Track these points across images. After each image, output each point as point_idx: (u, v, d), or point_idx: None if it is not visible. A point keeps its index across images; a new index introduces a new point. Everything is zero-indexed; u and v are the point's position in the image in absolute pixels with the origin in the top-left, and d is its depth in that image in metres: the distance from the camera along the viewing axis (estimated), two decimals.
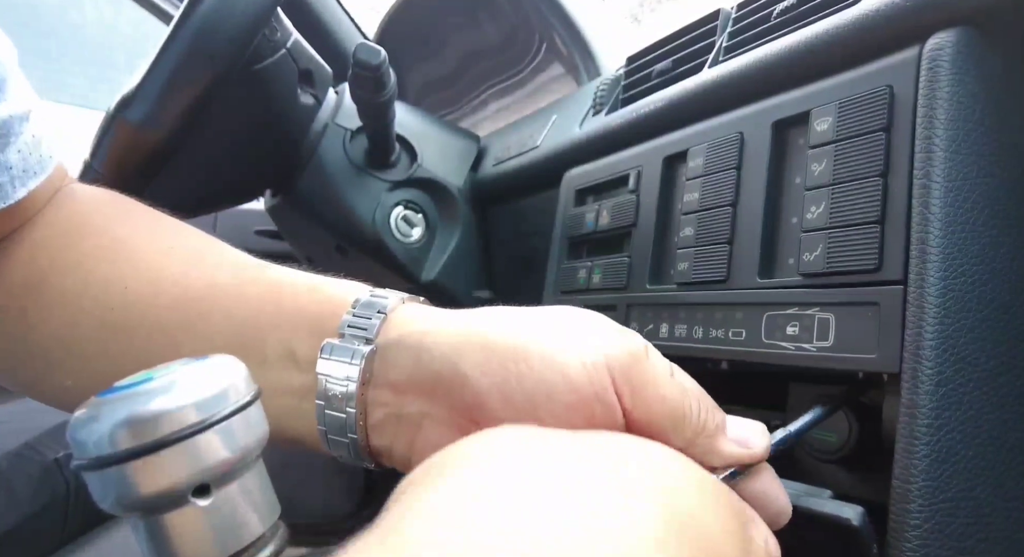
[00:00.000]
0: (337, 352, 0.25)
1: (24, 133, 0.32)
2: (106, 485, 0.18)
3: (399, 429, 0.26)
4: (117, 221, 0.35)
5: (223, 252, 0.33)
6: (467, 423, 0.24)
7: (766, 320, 0.34)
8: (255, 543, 0.20)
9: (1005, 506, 0.28)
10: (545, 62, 0.81)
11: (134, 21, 1.61)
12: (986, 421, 0.28)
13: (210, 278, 0.31)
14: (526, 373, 0.23)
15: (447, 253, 0.68)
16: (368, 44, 0.54)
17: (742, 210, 0.37)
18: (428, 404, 0.25)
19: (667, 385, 0.24)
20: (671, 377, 0.24)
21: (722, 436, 0.24)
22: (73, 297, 0.32)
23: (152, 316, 0.30)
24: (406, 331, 0.26)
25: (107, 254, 0.32)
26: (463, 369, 0.24)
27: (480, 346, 0.24)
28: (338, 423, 0.25)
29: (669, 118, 0.46)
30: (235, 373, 0.20)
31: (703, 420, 0.24)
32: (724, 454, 0.24)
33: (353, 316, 0.26)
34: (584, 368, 0.23)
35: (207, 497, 0.19)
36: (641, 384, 0.23)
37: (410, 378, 0.25)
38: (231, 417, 0.19)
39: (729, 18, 0.46)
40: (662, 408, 0.23)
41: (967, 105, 0.29)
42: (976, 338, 0.28)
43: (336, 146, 0.64)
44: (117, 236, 0.33)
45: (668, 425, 0.23)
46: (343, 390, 0.25)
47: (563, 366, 0.23)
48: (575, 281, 0.49)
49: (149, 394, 0.18)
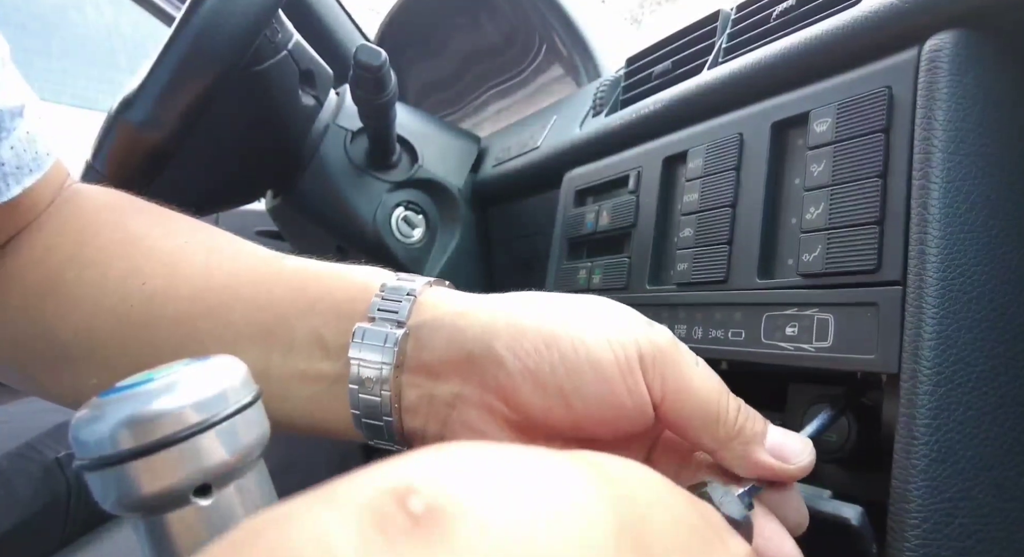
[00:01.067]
0: (369, 336, 0.26)
1: (17, 129, 0.32)
2: (107, 485, 0.18)
3: (432, 410, 0.26)
4: (129, 217, 0.34)
5: (240, 244, 0.33)
6: (499, 404, 0.24)
7: (765, 320, 0.34)
8: None
9: (1004, 506, 0.28)
10: (545, 63, 0.81)
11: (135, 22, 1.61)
12: (985, 421, 0.28)
13: (230, 268, 0.30)
14: (557, 362, 0.23)
15: (447, 254, 0.68)
16: (369, 45, 0.55)
17: (741, 211, 0.37)
18: (461, 385, 0.25)
19: (699, 378, 0.23)
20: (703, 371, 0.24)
21: (759, 446, 0.23)
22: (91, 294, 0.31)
23: (172, 308, 0.30)
24: (438, 313, 0.26)
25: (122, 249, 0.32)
26: (496, 350, 0.24)
27: (513, 328, 0.24)
28: (372, 406, 0.25)
29: (669, 119, 0.46)
30: (236, 373, 0.20)
31: (739, 423, 0.23)
32: (758, 464, 0.23)
33: (383, 299, 0.26)
34: (616, 360, 0.23)
35: (208, 497, 0.19)
36: (672, 376, 0.23)
37: (443, 359, 0.25)
38: (232, 417, 0.19)
39: (729, 19, 0.47)
40: (694, 402, 0.23)
41: (966, 106, 0.29)
42: (975, 338, 0.28)
43: (337, 147, 0.65)
44: (131, 232, 0.33)
45: (699, 421, 0.23)
46: (377, 374, 0.25)
47: (594, 357, 0.23)
48: (575, 281, 0.49)
49: (150, 394, 0.18)
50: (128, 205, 0.36)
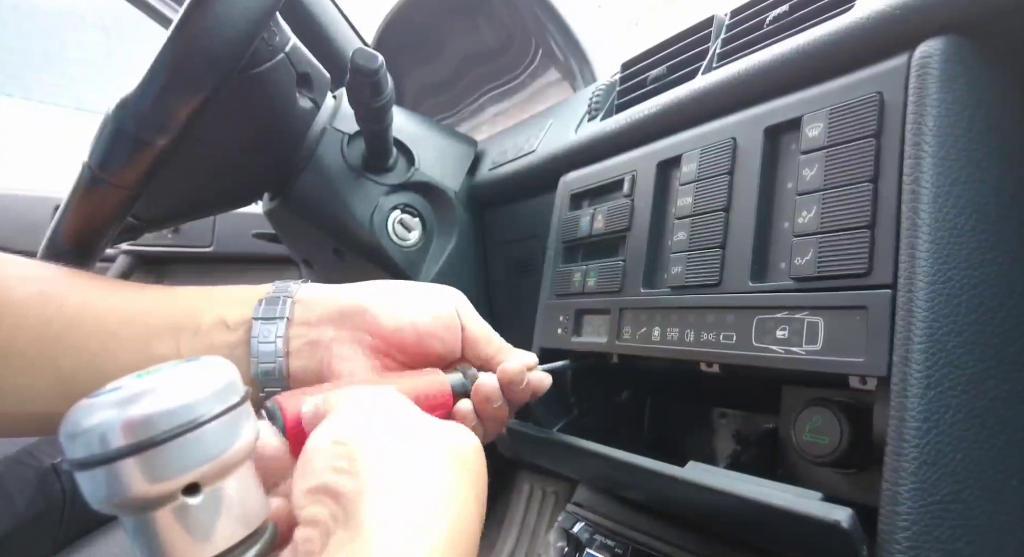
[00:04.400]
0: (268, 303, 0.36)
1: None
2: (97, 484, 0.18)
3: (313, 352, 0.35)
4: None
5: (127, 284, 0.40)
6: (365, 335, 0.35)
7: (756, 323, 0.34)
8: (244, 541, 0.20)
9: (993, 509, 0.28)
10: (541, 68, 0.82)
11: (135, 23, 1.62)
12: (975, 424, 0.28)
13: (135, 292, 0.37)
14: (407, 301, 0.36)
15: (443, 256, 0.68)
16: (365, 49, 0.55)
17: (735, 215, 0.38)
18: (335, 330, 0.35)
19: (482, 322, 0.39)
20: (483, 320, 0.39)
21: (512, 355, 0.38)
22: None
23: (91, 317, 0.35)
24: (315, 293, 0.37)
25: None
26: (363, 302, 0.36)
27: (373, 289, 0.37)
28: (268, 353, 0.34)
29: (663, 124, 0.46)
30: (225, 374, 0.20)
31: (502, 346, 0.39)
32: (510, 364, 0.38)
33: (275, 289, 0.37)
34: (443, 301, 0.38)
35: (197, 495, 0.19)
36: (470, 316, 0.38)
37: (320, 315, 0.36)
38: (220, 417, 0.19)
39: (723, 25, 0.47)
40: (480, 332, 0.38)
41: (955, 111, 0.30)
42: (964, 342, 0.28)
43: (334, 150, 0.65)
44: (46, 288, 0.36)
45: (483, 339, 0.38)
46: (274, 327, 0.35)
47: (431, 298, 0.37)
48: (570, 284, 0.49)
49: (140, 394, 0.18)
50: None
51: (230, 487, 0.20)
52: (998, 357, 0.29)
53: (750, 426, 0.46)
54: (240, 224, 1.23)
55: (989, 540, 0.28)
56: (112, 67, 1.79)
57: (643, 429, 0.52)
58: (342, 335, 0.35)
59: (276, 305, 0.36)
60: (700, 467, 0.34)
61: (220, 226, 1.26)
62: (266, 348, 0.35)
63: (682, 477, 0.34)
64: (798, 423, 0.34)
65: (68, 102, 4.21)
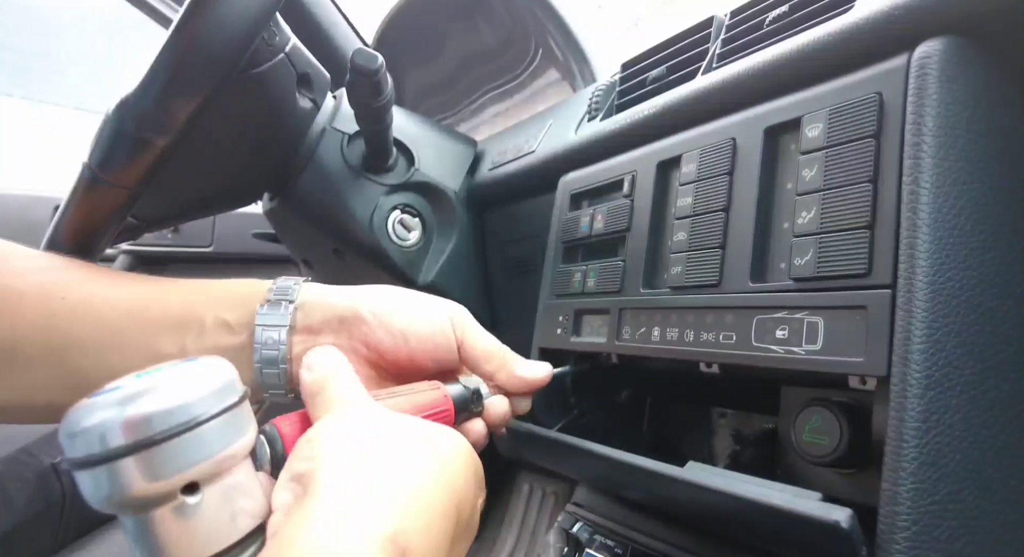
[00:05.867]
0: (271, 308, 0.36)
1: None
2: (96, 483, 0.18)
3: None
4: None
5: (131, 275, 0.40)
6: (361, 347, 0.36)
7: (756, 323, 0.34)
8: (243, 540, 0.20)
9: (992, 509, 0.28)
10: (541, 68, 0.82)
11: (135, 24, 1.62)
12: (974, 424, 0.28)
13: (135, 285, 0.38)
14: (402, 315, 0.37)
15: (443, 256, 0.68)
16: (365, 49, 0.55)
17: (734, 215, 0.38)
18: (334, 337, 0.36)
19: (483, 334, 0.38)
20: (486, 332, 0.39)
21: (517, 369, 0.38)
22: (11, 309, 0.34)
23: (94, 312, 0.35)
24: (315, 296, 0.37)
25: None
26: (360, 312, 0.36)
27: (370, 298, 0.37)
28: (271, 359, 0.35)
29: (663, 124, 0.46)
30: (224, 374, 0.20)
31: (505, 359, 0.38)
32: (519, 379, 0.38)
33: (276, 289, 0.37)
34: (437, 314, 0.38)
35: (196, 494, 0.19)
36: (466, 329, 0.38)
37: (320, 322, 0.36)
38: (219, 416, 0.19)
39: (723, 25, 0.47)
40: (481, 345, 0.38)
41: (955, 112, 0.30)
42: (964, 342, 0.28)
43: (334, 150, 0.65)
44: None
45: (482, 357, 0.38)
46: (276, 334, 0.35)
47: (425, 311, 0.37)
48: (570, 284, 0.49)
49: (139, 394, 0.18)
50: None
51: (229, 486, 0.20)
52: (998, 357, 0.29)
53: (749, 426, 0.46)
54: (240, 224, 1.23)
55: (988, 540, 0.28)
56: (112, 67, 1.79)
57: (643, 429, 0.52)
58: (340, 343, 0.36)
59: (278, 309, 0.36)
60: (699, 467, 0.34)
61: (220, 226, 1.26)
62: (269, 354, 0.35)
63: (681, 477, 0.34)
64: (797, 423, 0.34)
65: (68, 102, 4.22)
